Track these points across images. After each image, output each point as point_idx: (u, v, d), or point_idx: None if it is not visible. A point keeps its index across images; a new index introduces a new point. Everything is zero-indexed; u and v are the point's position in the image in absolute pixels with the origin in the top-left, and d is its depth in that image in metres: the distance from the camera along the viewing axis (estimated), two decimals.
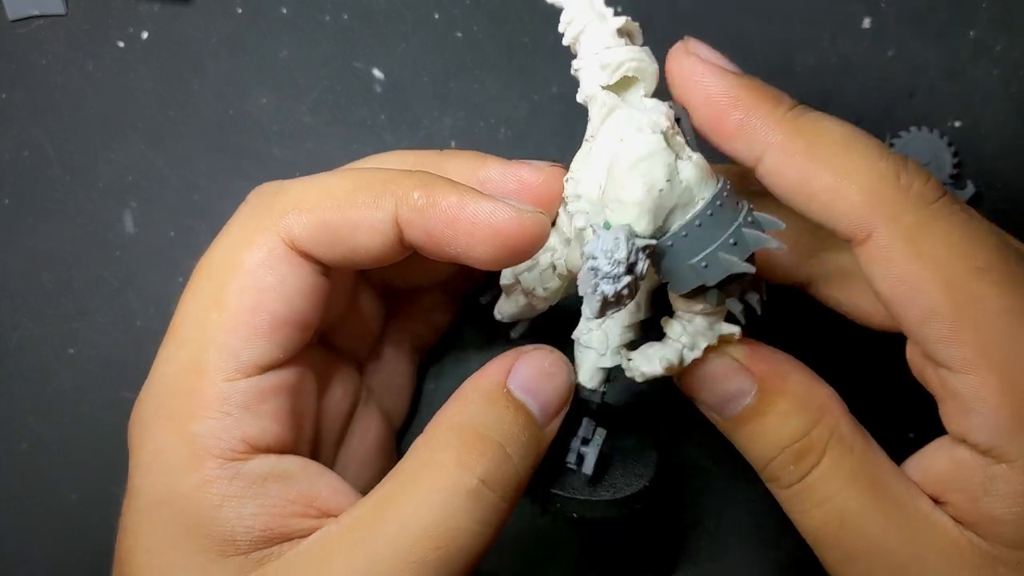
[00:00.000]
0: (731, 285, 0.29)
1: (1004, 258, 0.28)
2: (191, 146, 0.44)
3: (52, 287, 0.44)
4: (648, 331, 0.33)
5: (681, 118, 0.30)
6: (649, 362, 0.30)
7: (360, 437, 0.37)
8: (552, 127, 0.43)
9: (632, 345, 0.32)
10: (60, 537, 0.44)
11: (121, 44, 0.43)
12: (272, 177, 0.44)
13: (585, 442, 0.32)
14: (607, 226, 0.28)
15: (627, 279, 0.26)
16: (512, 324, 0.39)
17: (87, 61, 0.43)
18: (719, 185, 0.29)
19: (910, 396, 0.34)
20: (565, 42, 0.30)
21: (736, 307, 0.30)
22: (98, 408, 0.44)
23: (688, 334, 0.30)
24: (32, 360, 0.44)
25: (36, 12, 0.43)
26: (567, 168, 0.31)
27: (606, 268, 0.26)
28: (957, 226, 0.28)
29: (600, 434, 0.32)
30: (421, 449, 0.29)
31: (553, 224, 0.32)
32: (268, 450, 0.30)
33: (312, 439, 0.34)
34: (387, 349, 0.40)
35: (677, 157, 0.28)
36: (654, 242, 0.28)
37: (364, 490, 0.30)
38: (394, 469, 0.29)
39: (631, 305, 0.31)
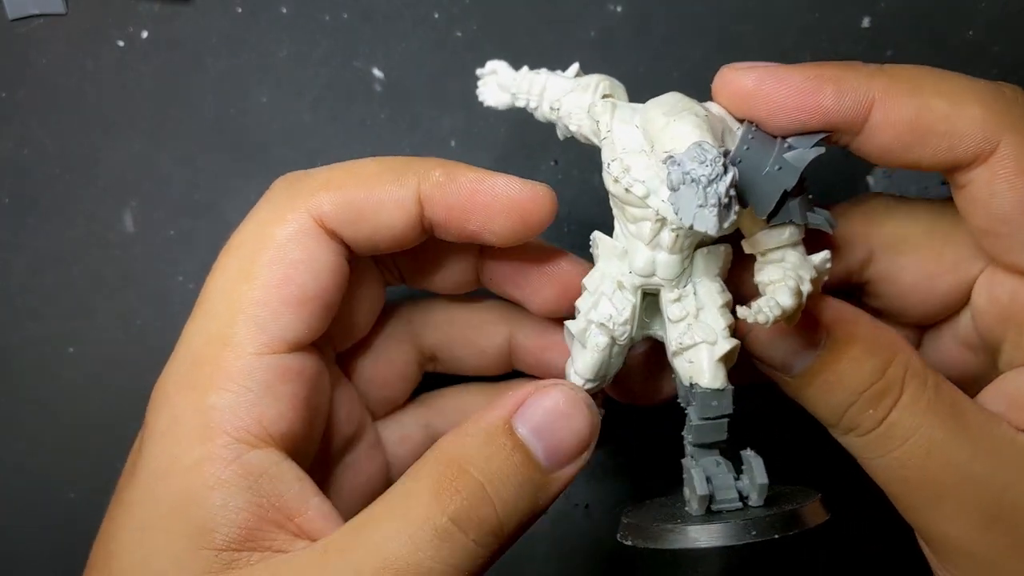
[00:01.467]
0: (801, 200, 0.30)
1: None
2: (191, 145, 0.44)
3: (52, 286, 0.44)
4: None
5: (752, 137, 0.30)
6: (781, 296, 0.28)
7: (355, 472, 0.37)
8: (551, 127, 0.43)
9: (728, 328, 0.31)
10: (60, 536, 0.44)
11: (121, 43, 0.43)
12: (272, 176, 0.44)
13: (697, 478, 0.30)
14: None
15: (729, 175, 0.26)
16: None
17: (87, 60, 0.43)
18: (744, 121, 0.30)
19: None
20: (533, 107, 0.33)
21: (819, 219, 0.30)
22: (98, 407, 0.44)
23: (790, 270, 0.30)
24: (32, 359, 0.44)
25: (36, 11, 0.43)
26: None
27: (706, 171, 0.26)
28: None
29: (754, 456, 0.30)
30: (407, 476, 0.28)
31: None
32: (279, 439, 0.30)
33: (316, 450, 0.34)
34: (406, 416, 0.39)
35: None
36: (728, 148, 0.29)
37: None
38: (382, 495, 0.29)
39: (715, 286, 0.31)
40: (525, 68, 0.34)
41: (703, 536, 0.28)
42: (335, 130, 0.44)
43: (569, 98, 0.33)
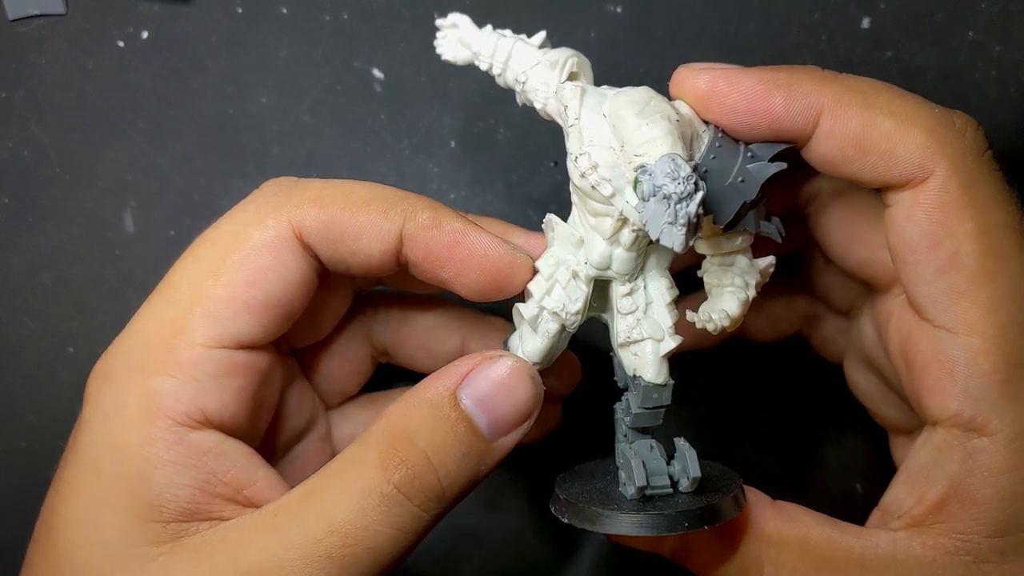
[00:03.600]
0: (757, 210, 0.30)
1: None
2: (191, 145, 0.44)
3: (52, 286, 0.44)
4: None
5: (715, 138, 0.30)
6: (730, 306, 0.30)
7: (303, 464, 0.37)
8: (551, 127, 0.43)
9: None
10: None
11: (121, 43, 0.43)
12: (271, 176, 0.44)
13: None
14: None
15: (699, 195, 0.26)
16: None
17: (87, 60, 0.43)
18: (710, 124, 0.31)
19: None
20: (496, 72, 0.32)
21: (771, 228, 0.31)
22: None
23: (738, 276, 0.31)
24: (32, 358, 0.44)
25: (36, 11, 0.43)
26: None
27: (679, 189, 0.26)
28: (1001, 182, 0.29)
29: (688, 448, 0.31)
30: (355, 443, 0.30)
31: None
32: (220, 427, 0.30)
33: (262, 438, 0.34)
34: (355, 413, 0.40)
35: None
36: (698, 160, 0.29)
37: None
38: (329, 463, 0.30)
39: (664, 283, 0.31)
40: (489, 27, 0.33)
41: (637, 525, 0.29)
42: (335, 130, 0.44)
43: (536, 72, 0.32)
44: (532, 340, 0.32)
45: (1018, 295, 0.28)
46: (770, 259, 0.32)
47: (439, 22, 0.34)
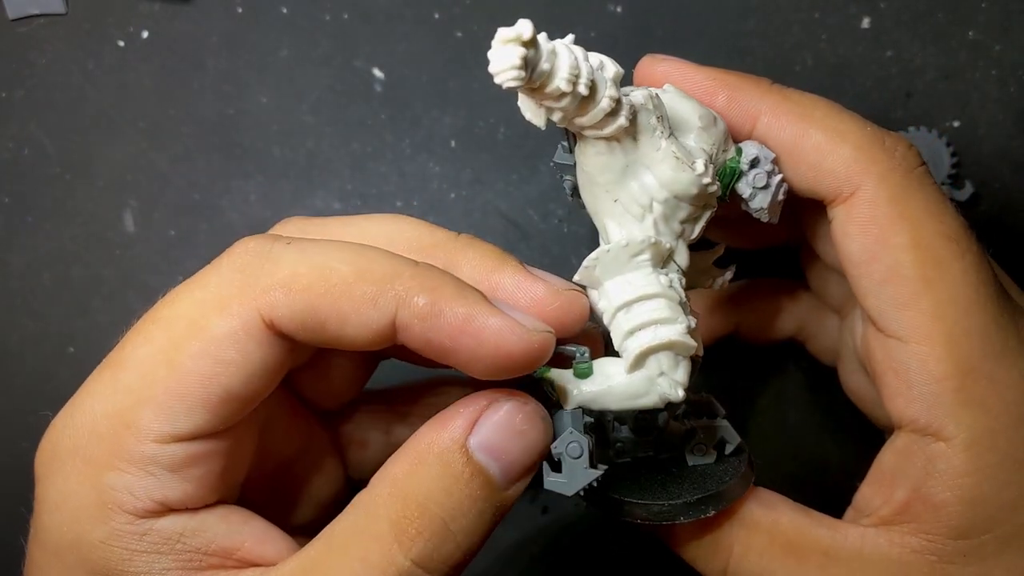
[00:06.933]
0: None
1: (968, 235, 0.30)
2: (191, 145, 0.44)
3: (52, 286, 0.44)
4: None
5: None
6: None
7: (308, 483, 0.35)
8: (552, 126, 0.43)
9: None
10: None
11: (121, 43, 0.43)
12: (272, 176, 0.44)
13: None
14: (738, 155, 0.30)
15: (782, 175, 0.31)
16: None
17: (87, 60, 0.43)
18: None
19: None
20: (583, 93, 0.26)
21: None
22: None
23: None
24: (32, 359, 0.44)
25: (36, 11, 0.43)
26: (585, 292, 0.30)
27: (779, 171, 0.30)
28: (934, 195, 0.30)
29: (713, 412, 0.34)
30: (360, 510, 0.27)
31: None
32: (186, 510, 0.28)
33: (242, 483, 0.31)
34: (363, 415, 0.37)
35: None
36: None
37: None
38: (331, 526, 0.27)
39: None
40: (544, 35, 0.27)
41: (740, 487, 0.32)
42: (335, 130, 0.44)
43: (615, 89, 0.27)
44: (684, 367, 0.30)
45: (961, 302, 0.29)
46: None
47: (505, 34, 0.25)
